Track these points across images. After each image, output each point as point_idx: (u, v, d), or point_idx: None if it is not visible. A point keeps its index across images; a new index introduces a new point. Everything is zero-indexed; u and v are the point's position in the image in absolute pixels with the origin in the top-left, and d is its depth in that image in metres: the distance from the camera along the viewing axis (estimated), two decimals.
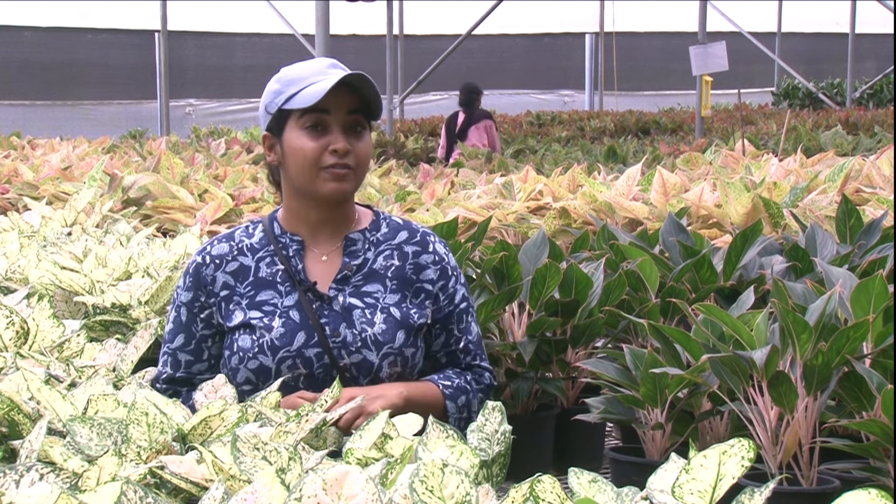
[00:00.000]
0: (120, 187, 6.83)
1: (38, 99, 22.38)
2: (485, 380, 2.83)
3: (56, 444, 1.93)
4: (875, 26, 24.23)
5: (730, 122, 16.19)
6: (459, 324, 2.80)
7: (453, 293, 2.79)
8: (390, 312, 2.72)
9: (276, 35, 21.50)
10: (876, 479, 2.59)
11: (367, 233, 2.79)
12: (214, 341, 2.76)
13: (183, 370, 2.75)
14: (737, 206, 5.08)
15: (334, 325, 2.69)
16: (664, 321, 3.42)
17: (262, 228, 2.80)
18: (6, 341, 2.63)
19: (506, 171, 8.30)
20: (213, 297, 2.74)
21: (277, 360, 2.67)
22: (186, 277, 2.77)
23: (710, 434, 2.98)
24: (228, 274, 2.75)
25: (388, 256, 2.77)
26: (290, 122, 2.71)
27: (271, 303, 2.72)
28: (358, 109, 2.70)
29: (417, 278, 2.76)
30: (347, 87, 2.67)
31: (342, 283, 2.73)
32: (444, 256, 2.80)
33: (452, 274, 2.80)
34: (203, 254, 2.78)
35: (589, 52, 25.57)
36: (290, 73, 2.74)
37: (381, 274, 2.75)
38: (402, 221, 2.84)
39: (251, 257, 2.76)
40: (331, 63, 2.75)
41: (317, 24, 9.04)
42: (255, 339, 2.69)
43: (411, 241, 2.79)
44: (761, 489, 1.62)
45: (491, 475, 1.97)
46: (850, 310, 2.75)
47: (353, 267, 2.74)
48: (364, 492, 1.58)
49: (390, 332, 2.70)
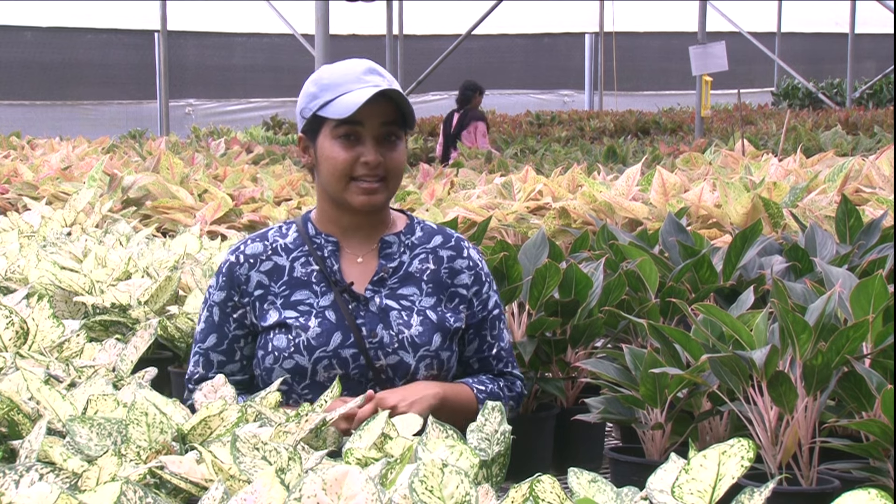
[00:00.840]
0: (120, 187, 6.83)
1: (38, 99, 22.38)
2: (516, 388, 2.86)
3: (56, 444, 1.93)
4: (875, 26, 24.24)
5: (729, 122, 16.20)
6: (492, 330, 2.82)
7: (487, 299, 2.81)
8: (427, 315, 2.73)
9: (276, 35, 21.52)
10: (876, 479, 2.59)
11: (401, 236, 2.80)
12: (247, 342, 2.76)
13: (215, 370, 2.75)
14: (736, 206, 5.08)
15: (371, 326, 2.70)
16: (664, 321, 3.42)
17: (295, 229, 2.80)
18: (6, 341, 2.63)
19: (505, 171, 8.30)
20: (247, 297, 2.74)
21: (314, 360, 2.68)
22: (219, 277, 2.77)
23: (710, 434, 2.98)
24: (263, 273, 2.74)
25: (423, 260, 2.78)
26: (325, 129, 2.71)
27: (307, 303, 2.72)
28: (392, 121, 2.70)
29: (452, 283, 2.77)
30: (382, 98, 2.67)
31: (378, 284, 2.74)
32: (477, 262, 2.82)
33: (486, 280, 2.82)
34: (237, 253, 2.77)
35: (589, 52, 25.57)
36: (328, 77, 2.73)
37: (417, 277, 2.76)
38: (436, 226, 2.86)
39: (285, 257, 2.76)
40: (367, 68, 2.73)
41: (317, 24, 9.05)
42: (291, 339, 2.69)
43: (446, 245, 2.81)
44: (761, 489, 1.62)
45: (491, 475, 1.97)
46: (849, 310, 2.75)
47: (389, 269, 2.75)
48: (364, 492, 1.58)
49: (427, 335, 2.71)
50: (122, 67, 22.91)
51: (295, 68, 21.45)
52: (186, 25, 22.19)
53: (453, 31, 19.73)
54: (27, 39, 22.27)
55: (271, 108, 21.61)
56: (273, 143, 14.17)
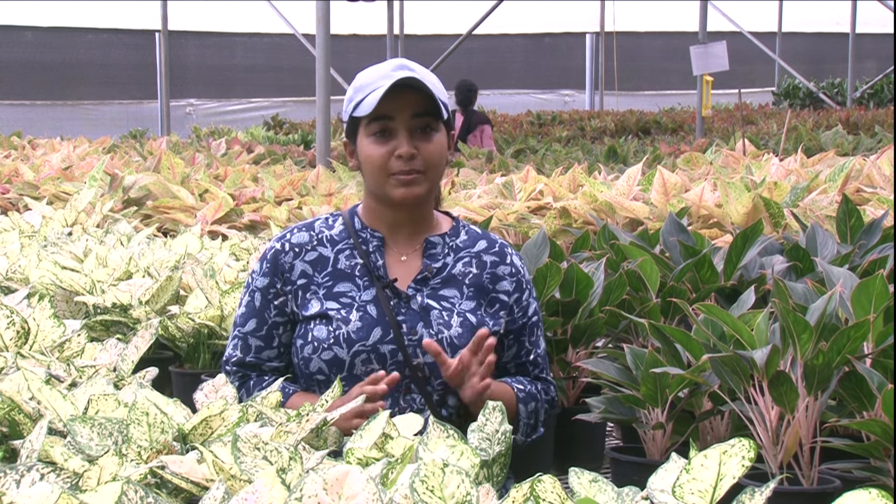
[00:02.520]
0: (120, 187, 6.83)
1: (38, 99, 22.37)
2: (551, 392, 2.88)
3: (57, 444, 1.93)
4: (875, 26, 24.23)
5: (730, 121, 16.19)
6: (531, 336, 2.84)
7: (527, 306, 2.83)
8: (466, 317, 2.74)
9: (277, 35, 21.51)
10: (876, 479, 2.59)
11: (446, 237, 2.81)
12: (286, 329, 2.77)
13: (253, 355, 2.77)
14: (737, 205, 5.08)
15: (411, 324, 2.71)
16: (665, 321, 3.42)
17: (341, 221, 2.82)
18: (7, 341, 2.63)
19: (506, 171, 8.30)
20: (290, 285, 2.76)
21: (353, 353, 2.69)
22: (263, 263, 2.79)
23: (711, 434, 2.98)
24: (307, 263, 2.76)
25: (466, 263, 2.79)
26: (361, 129, 2.74)
27: (349, 295, 2.73)
28: (424, 111, 2.70)
29: (494, 288, 2.79)
30: (411, 90, 2.67)
31: (421, 283, 2.76)
32: (520, 269, 2.83)
33: (527, 287, 2.84)
34: (282, 241, 2.79)
35: (589, 51, 25.56)
36: (361, 79, 2.75)
37: (459, 280, 2.77)
38: (481, 231, 2.87)
39: (330, 248, 2.78)
40: (398, 65, 2.74)
41: (317, 23, 9.04)
42: (332, 331, 2.70)
43: (490, 250, 2.82)
44: (762, 489, 1.62)
45: (491, 475, 1.97)
46: (850, 309, 2.75)
47: (433, 269, 2.76)
48: (364, 492, 1.58)
49: (466, 337, 2.71)
50: (122, 67, 22.90)
51: (296, 68, 21.48)
52: (187, 25, 22.18)
53: (454, 31, 19.73)
54: (27, 39, 22.27)
55: (272, 107, 21.60)
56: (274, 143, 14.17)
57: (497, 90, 25.07)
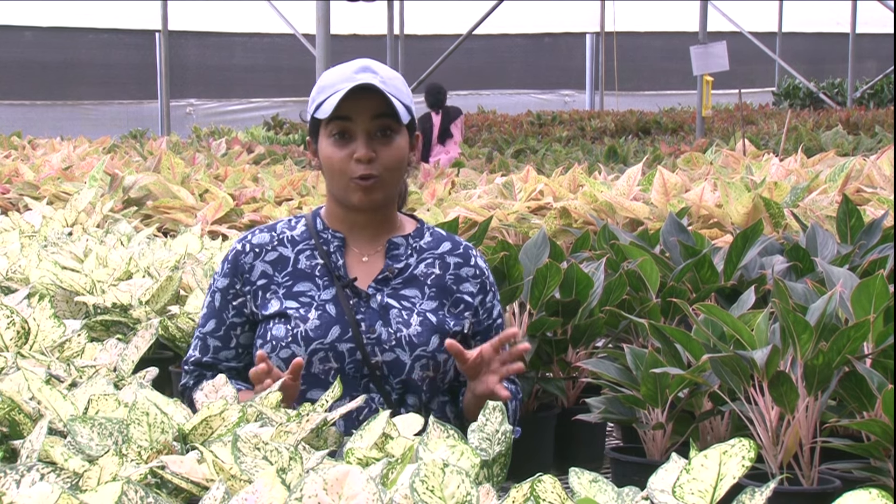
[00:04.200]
0: (121, 187, 6.84)
1: (38, 99, 22.38)
2: (520, 393, 2.91)
3: (57, 444, 1.93)
4: (875, 26, 24.24)
5: (730, 121, 16.20)
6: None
7: (491, 308, 2.84)
8: (426, 317, 2.74)
9: (277, 35, 21.52)
10: (876, 479, 2.59)
11: (410, 239, 2.81)
12: (244, 330, 2.78)
13: (210, 355, 2.79)
14: (737, 205, 5.08)
15: (370, 322, 2.71)
16: (665, 321, 3.42)
17: (304, 222, 2.83)
18: (7, 341, 2.63)
19: (506, 171, 8.30)
20: (249, 286, 2.76)
21: (310, 351, 2.69)
22: (225, 264, 2.80)
23: (711, 434, 2.98)
24: (267, 263, 2.77)
25: (429, 264, 2.79)
26: (322, 129, 2.74)
27: (308, 294, 2.74)
28: (385, 114, 2.69)
29: (457, 289, 2.79)
30: (371, 93, 2.67)
31: (382, 283, 2.75)
32: (484, 271, 2.84)
33: (490, 289, 2.84)
34: (243, 242, 2.81)
35: (589, 51, 25.57)
36: (325, 79, 2.75)
37: (421, 281, 2.77)
38: (445, 233, 2.87)
39: (291, 249, 2.78)
40: (361, 66, 2.73)
41: (317, 23, 9.05)
42: (290, 329, 2.70)
43: (454, 252, 2.82)
44: (762, 489, 1.62)
45: (492, 475, 1.97)
46: (850, 310, 2.75)
47: (394, 269, 2.76)
48: (365, 492, 1.58)
49: (425, 335, 2.72)
50: (122, 67, 22.91)
51: (296, 68, 21.46)
52: (187, 25, 22.20)
53: (454, 31, 19.73)
54: (27, 39, 22.27)
55: (272, 107, 21.61)
56: (274, 143, 14.18)
57: (497, 90, 25.08)
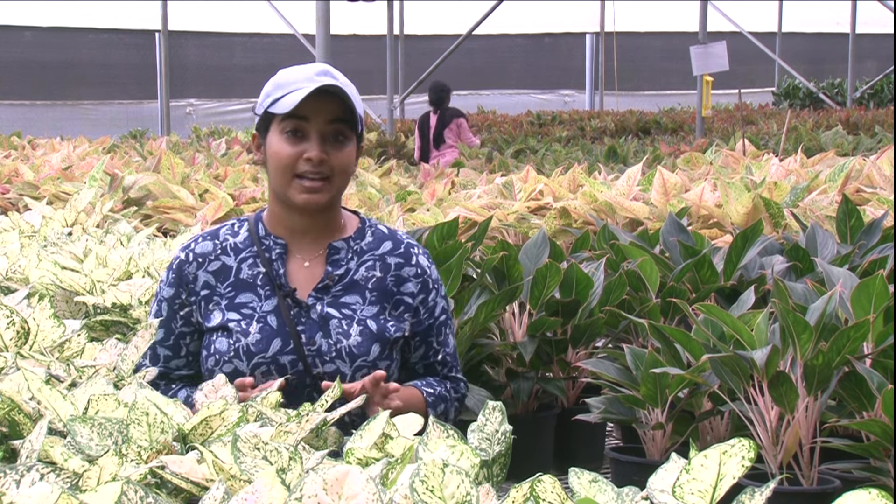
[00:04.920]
0: (120, 187, 6.84)
1: (38, 99, 22.39)
2: (461, 390, 2.87)
3: (56, 444, 1.93)
4: (875, 26, 24.24)
5: (730, 122, 16.20)
6: (438, 336, 2.82)
7: (433, 306, 2.81)
8: (367, 325, 2.73)
9: (277, 35, 21.51)
10: (876, 479, 2.59)
11: (351, 241, 2.79)
12: (193, 339, 2.79)
13: (161, 364, 2.79)
14: (737, 206, 5.08)
15: (310, 334, 2.71)
16: (665, 321, 3.42)
17: (247, 228, 2.81)
18: (7, 341, 2.63)
19: (506, 171, 8.30)
20: (194, 296, 2.77)
21: (252, 365, 2.70)
22: (169, 273, 2.81)
23: (711, 434, 2.98)
24: (210, 273, 2.77)
25: (370, 267, 2.78)
26: (274, 125, 2.73)
27: (250, 306, 2.74)
28: (341, 119, 2.70)
29: (398, 290, 2.77)
30: (330, 96, 2.68)
31: (322, 291, 2.75)
32: (426, 269, 2.81)
33: (433, 287, 2.81)
34: (186, 251, 2.80)
35: (589, 52, 25.57)
36: (282, 77, 2.76)
37: (362, 285, 2.76)
38: (388, 230, 2.84)
39: (234, 257, 2.78)
40: (321, 70, 2.75)
41: (317, 24, 9.05)
42: (232, 343, 2.72)
43: (395, 252, 2.80)
44: (762, 489, 1.62)
45: (491, 475, 1.97)
46: (850, 310, 2.76)
47: (334, 277, 2.75)
48: (364, 492, 1.58)
49: (365, 345, 2.71)
50: (122, 67, 22.92)
51: None
52: (187, 25, 22.20)
53: (454, 31, 19.73)
54: (27, 39, 22.28)
55: None
56: None
57: (497, 90, 25.07)
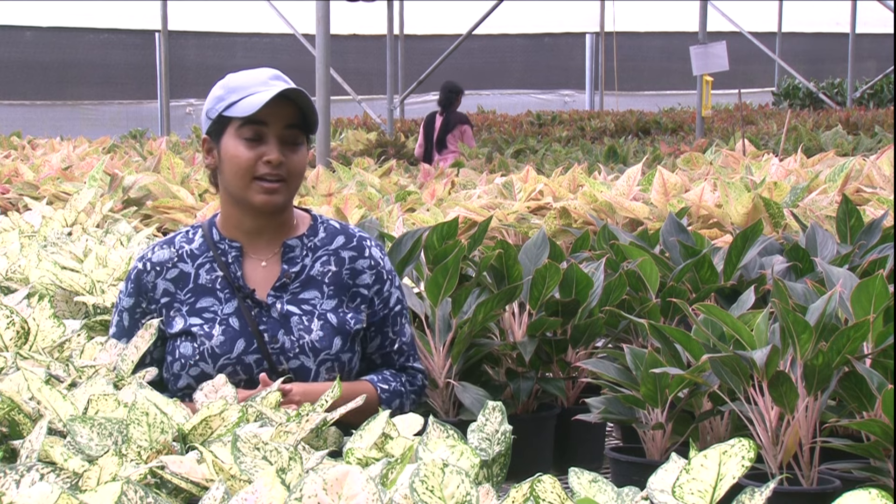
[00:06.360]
0: (120, 187, 6.84)
1: (38, 99, 22.38)
2: (417, 381, 2.90)
3: (56, 444, 1.93)
4: (875, 26, 24.23)
5: (730, 122, 16.19)
6: (394, 326, 2.86)
7: (388, 297, 2.85)
8: (327, 319, 2.77)
9: (277, 35, 21.51)
10: (876, 479, 2.60)
11: (304, 238, 2.84)
12: (156, 346, 2.82)
13: None
14: (737, 206, 5.08)
15: (273, 332, 2.76)
16: (664, 321, 3.42)
17: (201, 234, 2.86)
18: (6, 341, 2.63)
19: (506, 171, 8.30)
20: (154, 304, 2.81)
21: (218, 367, 2.74)
22: (128, 283, 2.85)
23: (711, 434, 2.98)
24: (169, 281, 2.81)
25: (325, 262, 2.82)
26: (230, 129, 2.77)
27: (211, 310, 2.78)
28: (295, 124, 2.75)
29: (354, 283, 2.82)
30: (287, 101, 2.73)
31: (280, 290, 2.79)
32: (379, 261, 2.86)
33: (387, 278, 2.86)
34: (144, 260, 2.85)
35: (589, 51, 25.56)
36: (234, 81, 2.80)
37: (319, 280, 2.80)
38: (340, 225, 2.89)
39: (191, 264, 2.82)
40: (274, 75, 2.80)
41: (317, 24, 9.04)
42: (196, 347, 2.76)
43: (348, 246, 2.85)
44: (762, 489, 1.62)
45: (491, 475, 1.97)
46: (850, 310, 2.76)
47: (291, 274, 2.80)
48: (364, 492, 1.58)
49: (327, 339, 2.76)
50: (122, 67, 22.91)
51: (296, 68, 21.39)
52: (187, 25, 22.19)
53: (454, 31, 19.72)
54: (27, 39, 22.27)
55: None
56: None
57: (497, 90, 25.07)
